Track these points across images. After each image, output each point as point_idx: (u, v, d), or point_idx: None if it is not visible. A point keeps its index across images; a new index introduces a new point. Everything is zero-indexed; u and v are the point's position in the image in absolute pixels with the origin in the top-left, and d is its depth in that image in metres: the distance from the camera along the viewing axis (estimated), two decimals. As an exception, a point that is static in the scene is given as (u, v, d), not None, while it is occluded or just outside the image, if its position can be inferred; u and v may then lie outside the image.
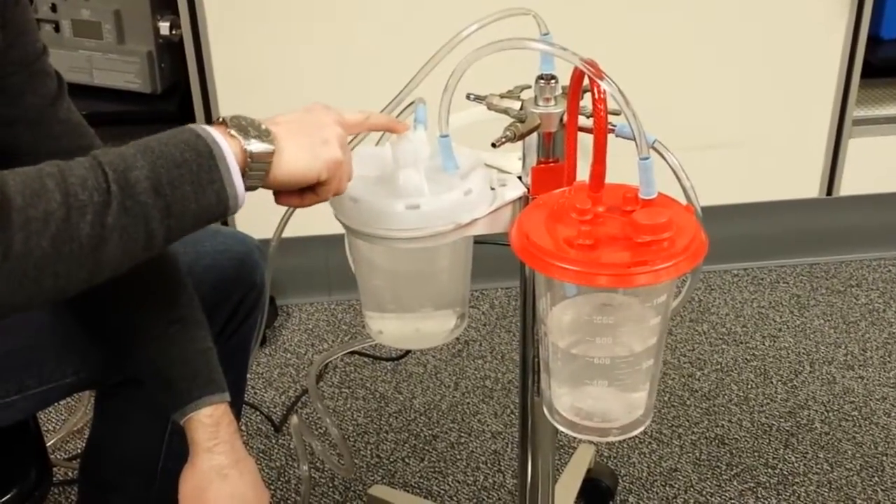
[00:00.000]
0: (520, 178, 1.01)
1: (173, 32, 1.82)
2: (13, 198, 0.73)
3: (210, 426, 1.02)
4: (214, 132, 0.82)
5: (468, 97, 1.01)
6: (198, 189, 0.80)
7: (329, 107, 0.90)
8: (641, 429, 0.93)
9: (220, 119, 0.84)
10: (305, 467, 1.57)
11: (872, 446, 1.70)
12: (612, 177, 0.89)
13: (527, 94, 0.99)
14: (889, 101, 2.12)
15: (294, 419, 1.55)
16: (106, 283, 1.05)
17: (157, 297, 1.04)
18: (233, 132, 0.82)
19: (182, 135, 0.81)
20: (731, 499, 1.61)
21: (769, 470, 1.66)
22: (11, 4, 0.96)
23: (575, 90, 0.92)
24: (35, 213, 0.73)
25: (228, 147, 0.81)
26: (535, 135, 0.97)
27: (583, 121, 0.94)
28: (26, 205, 0.73)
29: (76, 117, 1.06)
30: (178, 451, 1.06)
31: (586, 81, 0.88)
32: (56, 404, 1.54)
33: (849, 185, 2.08)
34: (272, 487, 1.64)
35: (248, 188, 0.83)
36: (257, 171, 0.83)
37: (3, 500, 1.13)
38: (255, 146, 0.82)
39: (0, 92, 0.98)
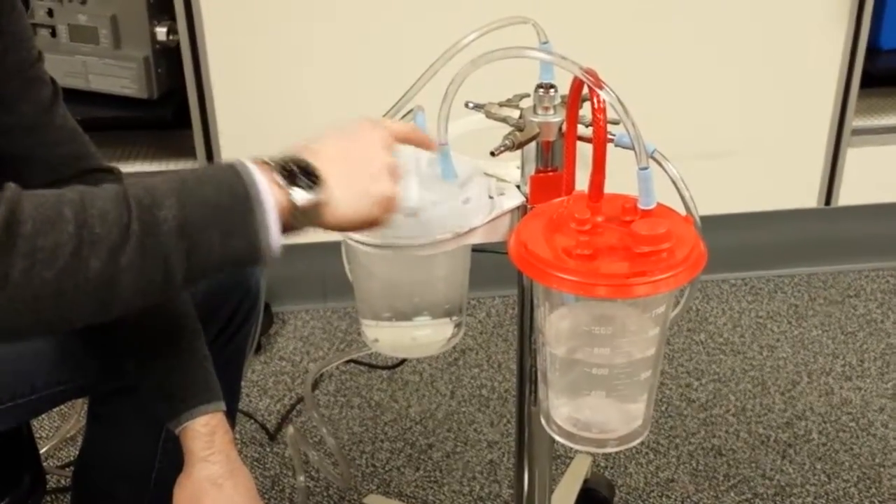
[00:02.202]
0: (518, 186, 1.01)
1: (170, 38, 1.82)
2: (24, 222, 0.71)
3: (205, 435, 1.01)
4: (258, 175, 0.76)
5: (467, 105, 1.00)
6: (228, 234, 0.75)
7: (375, 123, 0.86)
8: (640, 440, 0.92)
9: (265, 160, 0.79)
10: (302, 478, 1.57)
11: (870, 457, 1.70)
12: (610, 186, 0.88)
13: (526, 103, 0.99)
14: (888, 111, 2.12)
15: (290, 429, 1.54)
16: None
17: (153, 305, 1.03)
18: (278, 179, 0.77)
19: (222, 173, 0.77)
20: (728, 510, 1.61)
21: (766, 481, 1.65)
22: (7, 11, 0.96)
23: (574, 99, 0.92)
24: (43, 243, 0.70)
25: (270, 195, 0.76)
26: (533, 144, 0.97)
27: (582, 130, 0.93)
28: (36, 232, 0.70)
29: (71, 124, 1.06)
30: (172, 459, 1.06)
31: (585, 91, 0.88)
32: (49, 411, 1.53)
33: (847, 196, 2.08)
34: (266, 496, 1.63)
35: (298, 234, 0.80)
36: (305, 220, 0.78)
37: (-4, 508, 1.13)
38: (302, 197, 0.77)
39: None
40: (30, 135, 1.01)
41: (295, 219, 0.78)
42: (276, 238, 0.77)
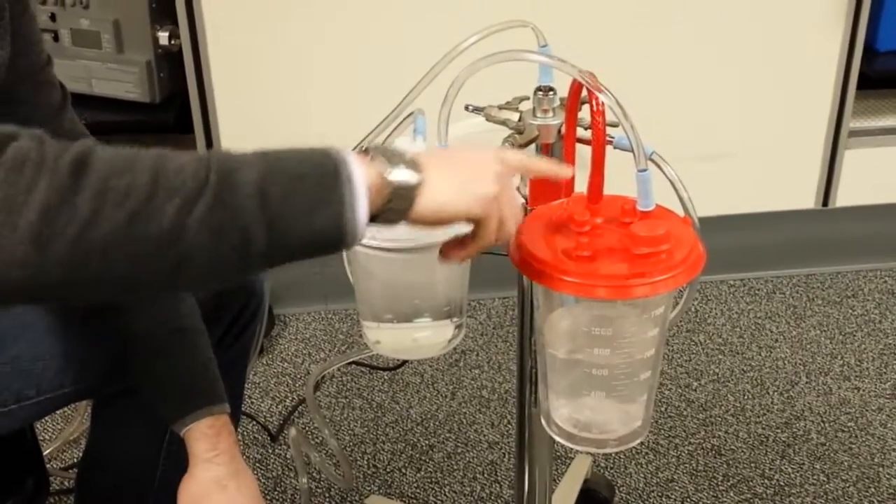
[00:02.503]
0: (518, 188, 1.01)
1: (172, 42, 1.82)
2: (95, 164, 0.67)
3: (210, 437, 1.02)
4: (348, 154, 0.73)
5: (467, 108, 1.01)
6: (312, 207, 0.70)
7: (485, 148, 0.84)
8: (639, 440, 0.93)
9: (363, 148, 0.76)
10: (304, 480, 1.57)
11: (869, 457, 1.70)
12: (609, 188, 0.89)
13: (525, 106, 1.00)
14: (885, 113, 2.13)
15: (293, 431, 1.55)
16: None
17: (158, 306, 1.04)
18: (374, 158, 0.74)
19: (310, 150, 0.73)
20: (727, 509, 1.61)
21: (766, 481, 1.66)
22: (19, 14, 0.97)
23: (573, 102, 0.92)
24: (115, 184, 0.66)
25: (361, 172, 0.72)
26: (533, 146, 0.97)
27: (581, 132, 0.94)
28: (109, 173, 0.67)
29: (80, 127, 1.06)
30: (176, 460, 1.07)
31: (584, 93, 0.88)
32: (52, 414, 1.54)
33: (845, 196, 2.08)
34: (268, 498, 1.64)
35: (388, 221, 0.75)
36: (399, 201, 0.75)
37: (1, 509, 1.13)
38: (399, 175, 0.74)
39: (6, 101, 0.98)
40: None
41: (387, 200, 0.74)
42: (362, 219, 0.72)
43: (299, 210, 0.70)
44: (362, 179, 0.72)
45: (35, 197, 0.65)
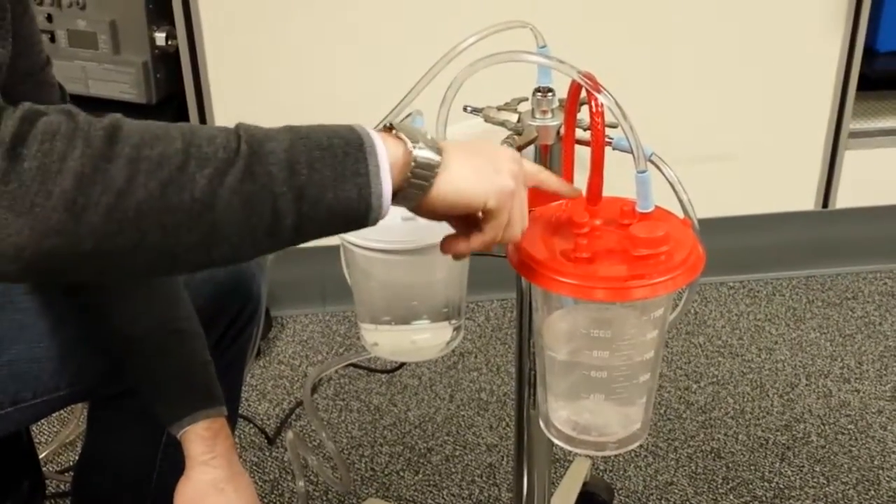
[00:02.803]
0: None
1: (169, 43, 1.82)
2: (127, 133, 0.67)
3: (207, 439, 1.02)
4: (373, 131, 0.75)
5: (465, 109, 1.01)
6: (339, 177, 0.71)
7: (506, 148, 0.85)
8: (639, 442, 0.93)
9: (387, 125, 0.78)
10: (302, 483, 1.57)
11: (869, 460, 1.70)
12: (609, 190, 0.89)
13: (524, 107, 1.00)
14: (885, 114, 2.13)
15: (290, 434, 1.54)
16: (105, 293, 1.05)
17: (156, 308, 1.04)
18: (399, 134, 0.76)
19: (335, 125, 0.74)
20: (727, 512, 1.61)
21: (765, 484, 1.65)
22: (20, 15, 0.97)
23: (572, 103, 0.92)
24: (148, 153, 0.67)
25: (384, 146, 0.73)
26: (532, 147, 0.97)
27: (580, 133, 0.94)
28: (141, 142, 0.67)
29: None
30: (173, 463, 1.06)
31: (584, 94, 0.88)
32: (48, 416, 1.53)
33: (845, 198, 2.08)
34: (266, 501, 1.63)
35: (407, 199, 0.77)
36: (420, 180, 0.76)
37: (-4, 512, 1.13)
38: (423, 152, 0.75)
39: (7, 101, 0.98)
40: None
41: (413, 176, 0.75)
42: (387, 191, 0.73)
43: (326, 179, 0.71)
44: (385, 152, 0.73)
45: (69, 165, 0.65)
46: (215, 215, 0.68)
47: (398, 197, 0.76)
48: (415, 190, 0.76)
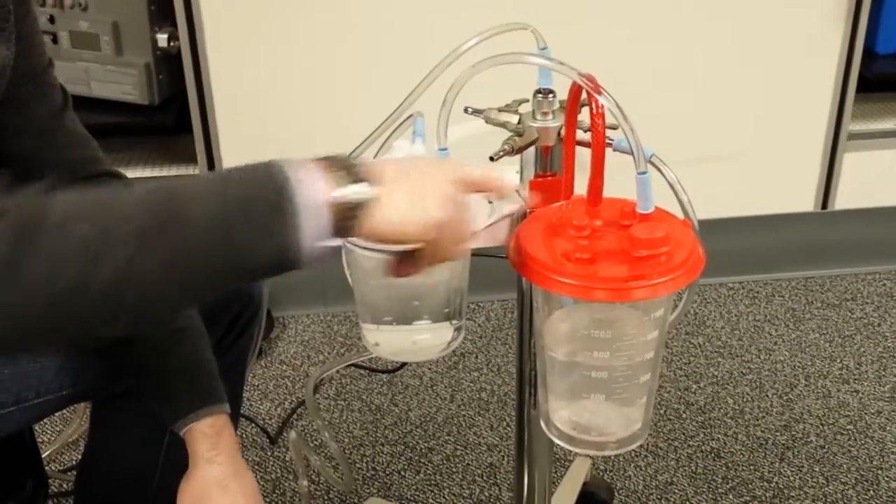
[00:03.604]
0: (518, 191, 1.01)
1: (171, 44, 1.83)
2: (45, 217, 0.68)
3: (211, 437, 1.02)
4: (298, 172, 0.72)
5: (466, 111, 1.01)
6: (256, 236, 0.70)
7: (442, 161, 0.82)
8: (639, 442, 0.93)
9: (320, 157, 0.74)
10: (305, 482, 1.57)
11: (868, 460, 1.70)
12: (609, 191, 0.89)
13: (525, 108, 1.00)
14: (884, 116, 2.13)
15: (293, 434, 1.55)
16: None
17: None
18: (329, 170, 0.73)
19: (256, 171, 0.72)
20: (726, 512, 1.61)
21: (765, 483, 1.66)
22: (22, 16, 0.97)
23: (573, 104, 0.92)
24: (61, 240, 0.67)
25: (309, 193, 0.71)
26: (532, 148, 0.97)
27: (580, 135, 0.94)
28: (56, 227, 0.67)
29: (80, 129, 1.07)
30: (176, 462, 1.07)
31: (584, 96, 0.88)
32: (51, 415, 1.54)
33: (844, 199, 2.08)
34: (267, 500, 1.64)
35: (341, 235, 0.75)
36: (349, 220, 0.73)
37: (-1, 511, 1.13)
38: (352, 190, 0.73)
39: (9, 102, 0.98)
40: (40, 139, 1.02)
41: (340, 216, 0.73)
42: (308, 242, 0.72)
43: (247, 242, 0.70)
44: (310, 201, 0.71)
45: None
46: (129, 293, 0.68)
47: (336, 233, 0.74)
48: (346, 229, 0.74)
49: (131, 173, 1.93)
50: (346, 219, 0.73)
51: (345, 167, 0.74)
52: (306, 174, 0.72)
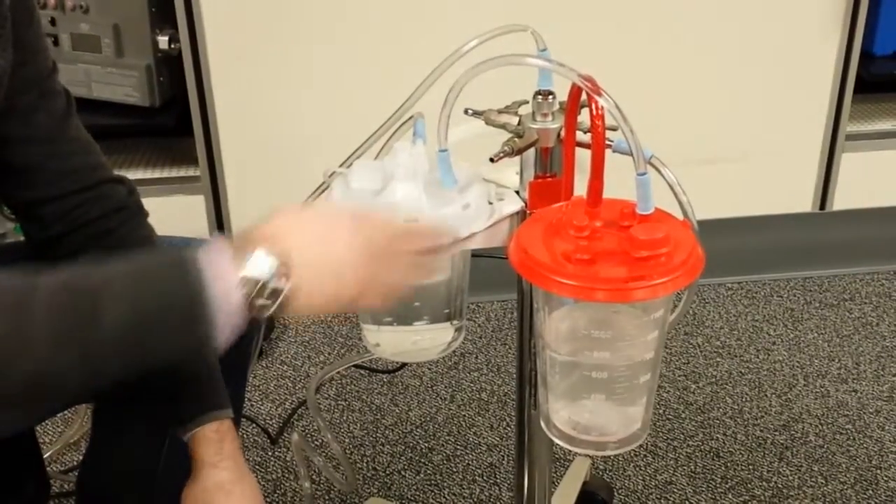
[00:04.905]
0: (517, 192, 1.02)
1: (172, 46, 1.83)
2: None
3: (216, 441, 1.02)
4: (210, 271, 0.74)
5: (466, 112, 1.01)
6: (170, 339, 0.74)
7: (344, 212, 0.83)
8: (639, 442, 0.93)
9: (229, 242, 0.76)
10: (307, 484, 1.57)
11: (866, 459, 1.71)
12: (609, 192, 0.89)
13: (524, 110, 1.00)
14: (881, 117, 2.14)
15: (295, 436, 1.55)
16: None
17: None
18: (244, 278, 0.74)
19: (170, 271, 0.75)
20: (725, 512, 1.62)
21: (764, 483, 1.66)
22: (25, 24, 0.97)
23: (572, 106, 0.93)
24: None
25: (222, 296, 0.73)
26: (532, 150, 0.98)
27: (580, 136, 0.94)
28: None
29: (84, 135, 1.07)
30: (177, 464, 1.07)
31: (584, 97, 0.89)
32: (53, 417, 1.54)
33: (842, 200, 2.09)
34: (269, 500, 1.64)
35: (263, 319, 0.78)
36: (266, 308, 0.76)
37: (2, 512, 1.13)
38: (262, 299, 0.75)
39: (13, 110, 0.98)
40: (45, 146, 1.01)
41: (255, 312, 0.76)
42: (222, 342, 0.76)
43: (156, 343, 0.74)
44: (224, 305, 0.74)
45: None
46: (39, 391, 0.71)
47: (247, 323, 0.76)
48: (261, 318, 0.76)
49: (132, 175, 1.93)
50: (262, 309, 0.75)
51: (251, 247, 0.75)
52: (219, 269, 0.74)
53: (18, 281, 0.72)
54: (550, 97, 0.97)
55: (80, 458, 1.34)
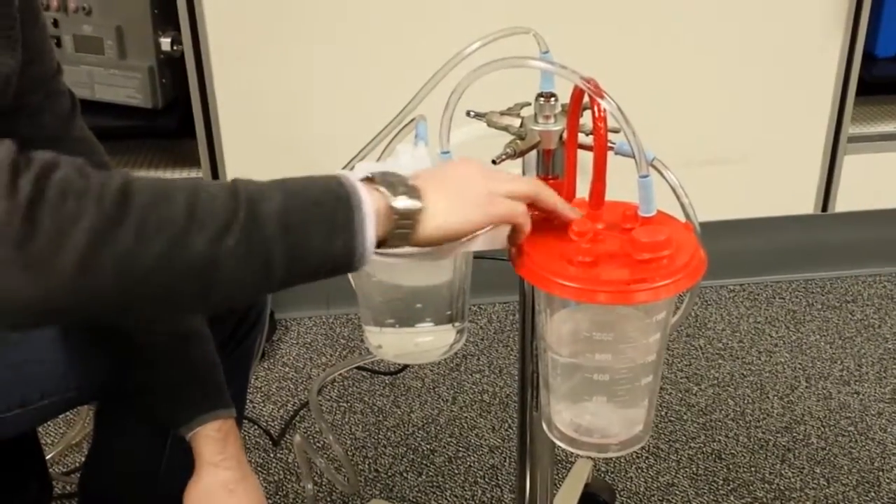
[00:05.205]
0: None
1: (174, 48, 1.83)
2: (136, 195, 0.70)
3: (218, 441, 1.02)
4: (358, 183, 0.78)
5: (468, 114, 1.01)
6: (328, 233, 0.76)
7: (483, 167, 0.87)
8: (641, 444, 0.93)
9: (370, 175, 0.81)
10: (309, 486, 1.58)
11: (868, 461, 1.71)
12: (611, 194, 0.90)
13: (527, 112, 1.00)
14: (883, 119, 2.13)
15: (297, 438, 1.55)
16: None
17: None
18: (380, 188, 0.79)
19: (324, 179, 0.78)
20: (727, 514, 1.62)
21: (766, 485, 1.66)
22: (31, 25, 0.97)
23: (575, 108, 0.93)
24: (155, 215, 0.70)
25: (370, 200, 0.77)
26: (534, 152, 0.98)
27: (582, 138, 0.94)
28: (148, 205, 0.70)
29: (89, 135, 1.07)
30: (180, 463, 1.07)
31: (586, 99, 0.89)
32: (55, 418, 1.54)
33: (844, 202, 2.09)
34: (271, 501, 1.64)
35: (394, 245, 0.81)
36: (403, 228, 0.80)
37: (4, 513, 1.14)
38: (402, 202, 0.79)
39: (21, 110, 0.98)
40: (50, 146, 1.02)
41: (393, 226, 0.79)
42: (370, 245, 0.77)
43: (316, 238, 0.75)
44: (371, 207, 0.77)
45: (81, 227, 0.67)
46: (214, 274, 0.72)
47: (387, 244, 0.80)
48: (399, 239, 0.80)
49: (134, 176, 1.94)
50: (400, 229, 0.79)
51: (391, 184, 0.79)
52: (364, 185, 0.78)
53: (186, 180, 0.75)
54: (553, 99, 0.97)
55: (83, 459, 1.34)
